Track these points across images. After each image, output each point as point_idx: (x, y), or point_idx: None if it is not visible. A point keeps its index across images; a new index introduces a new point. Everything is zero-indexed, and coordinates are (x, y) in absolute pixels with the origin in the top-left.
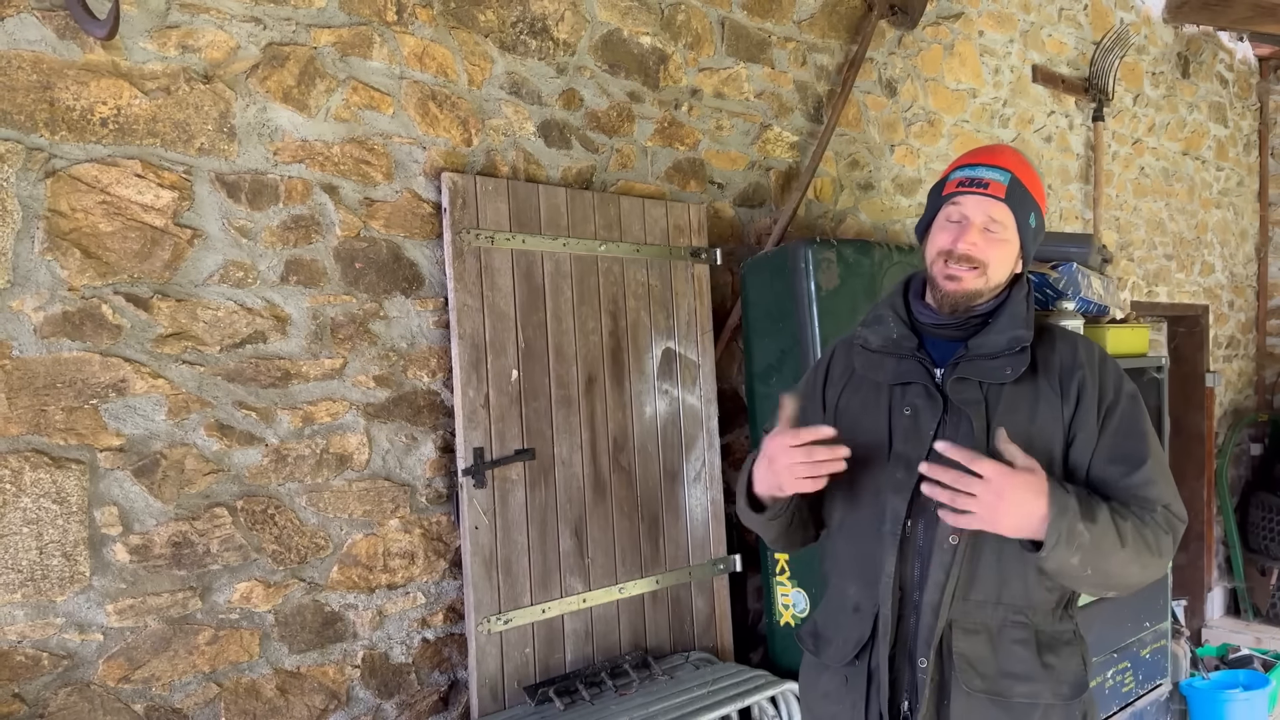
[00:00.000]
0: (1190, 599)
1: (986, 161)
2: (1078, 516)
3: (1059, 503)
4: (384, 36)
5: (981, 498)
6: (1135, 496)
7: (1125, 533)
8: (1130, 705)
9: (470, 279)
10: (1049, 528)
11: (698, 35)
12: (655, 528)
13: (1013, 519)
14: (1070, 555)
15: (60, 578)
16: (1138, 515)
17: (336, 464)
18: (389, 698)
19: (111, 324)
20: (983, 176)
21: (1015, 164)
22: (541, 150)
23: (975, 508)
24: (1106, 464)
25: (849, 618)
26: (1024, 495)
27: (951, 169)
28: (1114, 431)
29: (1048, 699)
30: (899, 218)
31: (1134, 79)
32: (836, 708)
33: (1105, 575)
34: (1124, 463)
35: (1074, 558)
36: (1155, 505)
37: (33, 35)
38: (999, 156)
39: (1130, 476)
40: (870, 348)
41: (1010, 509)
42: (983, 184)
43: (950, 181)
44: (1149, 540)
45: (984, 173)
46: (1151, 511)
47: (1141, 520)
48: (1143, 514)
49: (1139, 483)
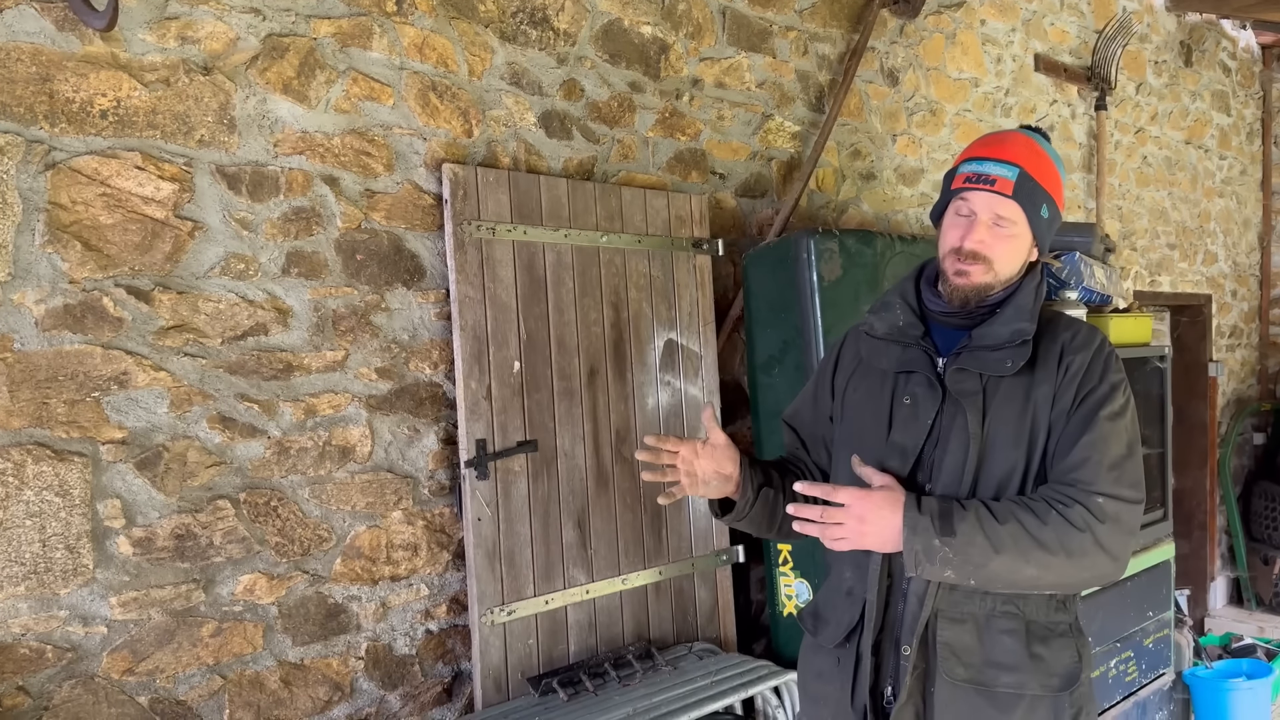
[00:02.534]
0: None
1: (994, 156)
2: (932, 533)
3: (910, 521)
4: (384, 27)
5: (847, 524)
6: (1066, 480)
7: (1000, 539)
8: (1133, 695)
9: (472, 271)
10: (905, 547)
11: (699, 25)
12: (658, 519)
13: (878, 537)
14: (939, 570)
15: (64, 571)
16: (1037, 512)
17: (339, 456)
18: (393, 689)
19: (113, 317)
20: (989, 173)
21: (1025, 156)
22: (542, 141)
23: (844, 533)
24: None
25: (843, 600)
26: (881, 515)
27: (961, 160)
28: (1080, 416)
29: (1034, 690)
30: (901, 208)
31: (1136, 68)
32: (828, 687)
33: (998, 580)
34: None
35: (945, 571)
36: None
37: (31, 27)
38: (1007, 149)
39: (1067, 458)
40: (875, 335)
41: (872, 530)
42: (989, 180)
43: (959, 175)
44: (1045, 540)
45: (991, 168)
46: (1067, 504)
47: (1040, 518)
48: (1047, 510)
49: (1071, 465)
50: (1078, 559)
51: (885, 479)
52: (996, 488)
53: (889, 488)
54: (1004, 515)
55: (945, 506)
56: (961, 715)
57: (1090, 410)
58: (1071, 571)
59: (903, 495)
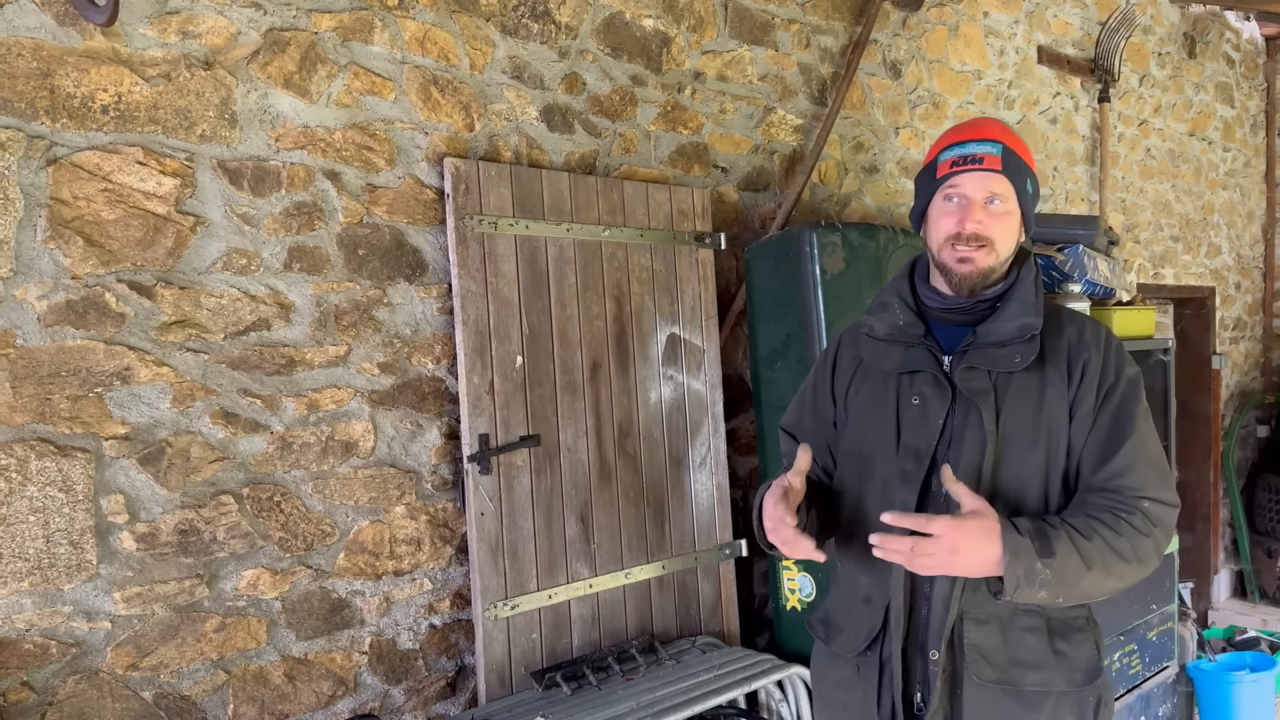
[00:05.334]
0: (1197, 581)
1: (974, 136)
2: (1034, 555)
3: (1012, 546)
4: (385, 21)
5: (937, 555)
6: (1114, 487)
7: (1090, 555)
8: (1137, 687)
9: (474, 265)
10: (1006, 573)
11: (700, 18)
12: (661, 513)
13: (968, 565)
14: (1035, 592)
15: (67, 566)
16: (1109, 524)
17: (342, 451)
18: (396, 684)
19: (115, 312)
20: (975, 152)
21: (1003, 134)
22: (544, 135)
23: (934, 562)
24: (1092, 448)
25: (860, 608)
26: (977, 544)
27: (938, 151)
28: (1108, 417)
29: (1060, 686)
30: (904, 201)
31: (1140, 60)
32: (848, 696)
33: (1080, 597)
34: (1107, 449)
35: (1040, 593)
36: (1134, 500)
37: (32, 22)
38: (985, 129)
39: (1110, 463)
40: (877, 336)
41: (966, 560)
42: (977, 159)
43: (942, 163)
44: (1123, 551)
45: (975, 148)
46: (1129, 512)
47: (1115, 530)
48: (1117, 520)
49: (1117, 470)
50: (1145, 565)
51: (977, 502)
52: (1016, 488)
53: (981, 514)
54: (1087, 530)
55: (1039, 526)
56: (991, 716)
57: (1122, 411)
58: (1137, 578)
59: (998, 521)
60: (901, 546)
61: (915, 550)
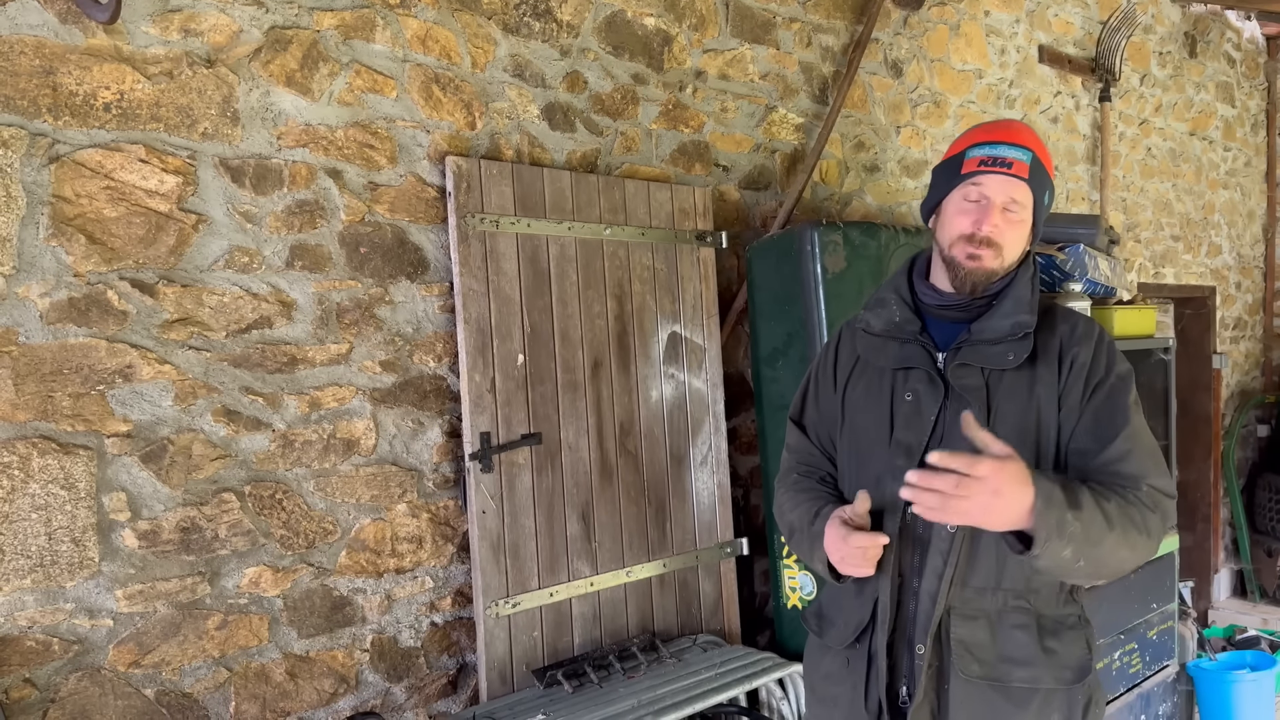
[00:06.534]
0: (1197, 580)
1: (1007, 139)
2: (1064, 506)
3: (1045, 492)
4: (387, 19)
5: (977, 498)
6: (1112, 472)
7: (1111, 514)
8: (1137, 686)
9: (475, 263)
10: (1037, 520)
11: (702, 16)
12: (662, 511)
13: (1004, 514)
14: (1062, 548)
15: (69, 563)
16: (1120, 494)
17: (344, 449)
18: (398, 681)
19: (117, 310)
20: (1006, 155)
21: (1034, 141)
22: (546, 134)
23: (969, 508)
24: (1084, 437)
25: (850, 601)
26: (1016, 488)
27: (965, 146)
28: (1096, 407)
29: (1048, 684)
30: (905, 200)
31: (1141, 59)
32: (838, 689)
33: (1097, 564)
34: (1101, 436)
35: (1066, 550)
36: (1137, 481)
37: (34, 20)
38: (1018, 134)
39: (1107, 450)
40: (872, 331)
41: (1003, 503)
42: (1006, 163)
43: (970, 159)
44: (1135, 519)
45: (1006, 151)
46: (1135, 489)
47: (1125, 499)
48: (1125, 493)
49: (1115, 456)
50: (1152, 541)
51: (1004, 446)
52: None
53: (1016, 459)
54: (1104, 492)
55: (1063, 479)
56: (977, 712)
57: (1113, 402)
58: (1144, 554)
59: (1025, 466)
60: (944, 485)
61: (958, 488)
